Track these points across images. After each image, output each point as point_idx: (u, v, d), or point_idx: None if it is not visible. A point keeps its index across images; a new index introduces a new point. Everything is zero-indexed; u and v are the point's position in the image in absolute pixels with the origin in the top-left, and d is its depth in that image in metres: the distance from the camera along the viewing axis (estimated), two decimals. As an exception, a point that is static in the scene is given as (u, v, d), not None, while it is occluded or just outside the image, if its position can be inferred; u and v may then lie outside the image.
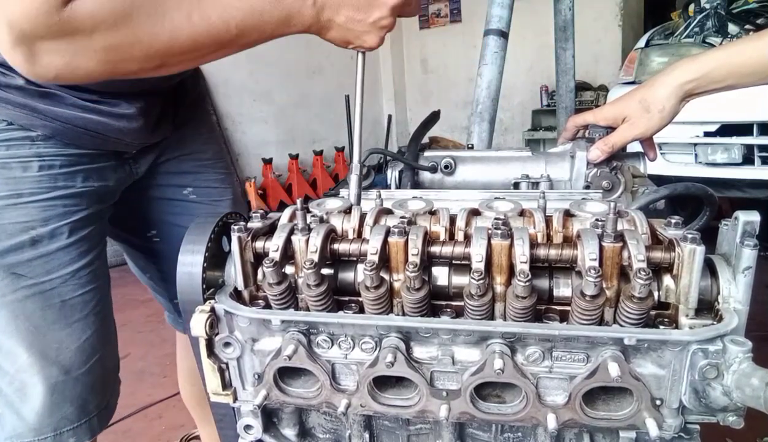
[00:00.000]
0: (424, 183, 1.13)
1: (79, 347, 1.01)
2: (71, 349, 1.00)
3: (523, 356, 0.69)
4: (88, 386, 1.04)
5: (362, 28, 0.88)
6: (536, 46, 6.45)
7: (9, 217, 0.93)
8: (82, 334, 1.02)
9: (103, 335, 1.07)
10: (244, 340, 0.76)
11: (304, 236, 0.72)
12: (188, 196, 1.27)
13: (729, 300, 0.65)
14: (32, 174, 0.94)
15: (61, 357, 0.99)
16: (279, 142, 6.54)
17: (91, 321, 1.03)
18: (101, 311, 1.06)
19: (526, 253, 0.66)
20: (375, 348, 0.72)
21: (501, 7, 2.04)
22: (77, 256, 1.00)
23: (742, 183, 3.19)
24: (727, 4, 3.49)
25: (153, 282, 1.39)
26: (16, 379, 0.97)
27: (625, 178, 1.00)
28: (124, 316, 3.15)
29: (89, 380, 1.04)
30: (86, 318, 1.02)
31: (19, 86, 0.90)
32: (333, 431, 0.87)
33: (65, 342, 1.00)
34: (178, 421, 2.41)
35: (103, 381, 1.08)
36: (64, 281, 0.99)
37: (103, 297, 1.08)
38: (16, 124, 0.92)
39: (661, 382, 0.67)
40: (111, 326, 1.12)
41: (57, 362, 0.99)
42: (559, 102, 2.63)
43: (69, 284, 0.99)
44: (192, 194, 1.28)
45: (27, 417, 0.98)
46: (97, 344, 1.05)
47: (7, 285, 0.94)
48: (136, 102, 1.02)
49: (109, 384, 1.12)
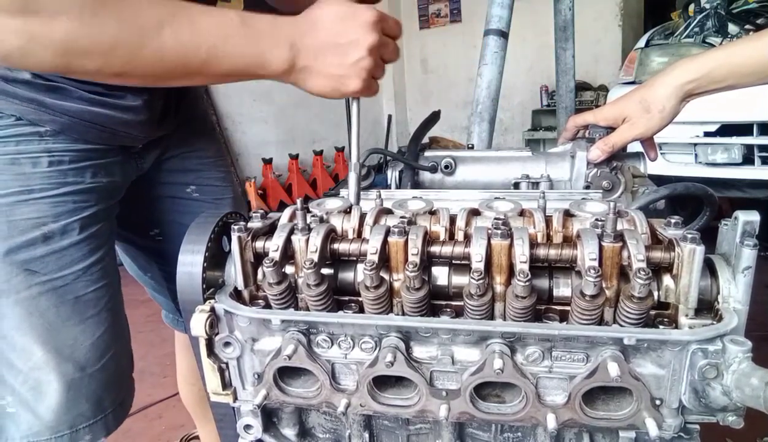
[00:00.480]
0: (424, 183, 1.13)
1: (94, 344, 1.01)
2: (86, 345, 1.00)
3: (522, 355, 0.69)
4: (103, 383, 1.03)
5: (342, 72, 0.86)
6: (536, 46, 6.45)
7: (21, 213, 0.92)
8: (96, 330, 1.01)
9: (116, 331, 1.07)
10: (244, 340, 0.76)
11: (304, 236, 0.72)
12: (191, 195, 1.27)
13: (729, 300, 0.65)
14: (42, 170, 0.94)
15: (76, 354, 0.99)
16: (279, 142, 6.53)
17: (104, 317, 1.03)
18: (113, 307, 1.06)
19: (525, 253, 0.66)
20: (375, 348, 0.72)
21: (501, 7, 2.04)
22: (88, 252, 1.00)
23: (742, 183, 3.19)
24: (727, 4, 3.48)
25: (154, 281, 1.38)
26: (30, 377, 0.96)
27: (625, 178, 1.01)
28: (124, 316, 3.15)
29: (104, 377, 1.03)
30: (99, 314, 1.02)
31: (26, 80, 0.89)
32: (333, 430, 0.87)
33: (80, 339, 0.99)
34: (178, 421, 2.41)
35: (117, 377, 1.08)
36: (77, 277, 0.98)
37: (115, 293, 1.08)
38: (24, 120, 0.92)
39: (660, 382, 0.67)
40: (123, 322, 1.12)
41: (72, 358, 0.98)
42: (559, 102, 2.63)
43: (81, 280, 0.99)
44: (195, 192, 1.27)
45: (43, 415, 0.97)
46: (110, 340, 1.05)
47: (21, 282, 0.93)
48: (141, 94, 1.02)
49: (124, 381, 1.12)
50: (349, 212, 0.80)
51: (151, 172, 1.20)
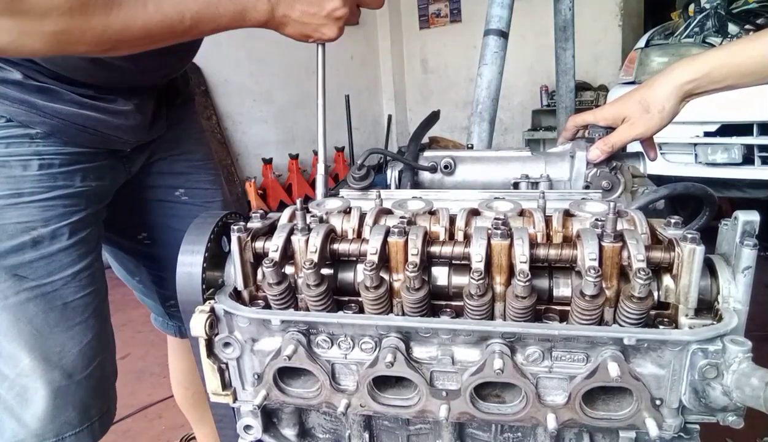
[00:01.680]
0: (423, 183, 1.13)
1: (81, 351, 1.00)
2: (73, 352, 0.99)
3: (522, 356, 0.69)
4: (90, 390, 1.02)
5: (318, 21, 0.90)
6: (536, 46, 6.45)
7: (10, 217, 0.91)
8: (83, 337, 1.00)
9: (103, 338, 1.06)
10: (243, 340, 0.76)
11: (304, 236, 0.72)
12: (180, 198, 1.26)
13: (729, 300, 0.65)
14: (32, 173, 0.93)
15: (64, 361, 0.98)
16: (279, 142, 6.53)
17: (92, 324, 1.02)
18: (101, 314, 1.05)
19: (525, 253, 0.66)
20: (375, 348, 0.72)
21: (501, 7, 2.03)
22: (77, 257, 0.99)
23: (742, 183, 3.19)
24: (727, 4, 3.48)
25: (142, 285, 1.36)
26: (17, 384, 0.95)
27: (624, 178, 1.00)
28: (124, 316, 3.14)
29: (91, 384, 1.02)
30: (87, 321, 1.01)
31: (17, 81, 0.89)
32: (333, 431, 0.87)
33: (67, 345, 0.98)
34: (178, 421, 2.40)
35: (103, 385, 1.07)
36: (66, 282, 0.97)
37: (102, 300, 1.07)
38: (15, 121, 0.91)
39: (660, 382, 0.67)
40: (109, 330, 1.11)
41: (59, 365, 0.97)
42: (559, 102, 2.63)
43: (70, 286, 0.98)
44: (184, 196, 1.26)
45: (29, 423, 0.96)
46: (98, 347, 1.04)
47: (9, 287, 0.92)
48: (133, 98, 1.02)
49: (110, 389, 1.11)
50: (348, 212, 0.80)
51: (140, 175, 1.19)
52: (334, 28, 0.91)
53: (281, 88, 6.54)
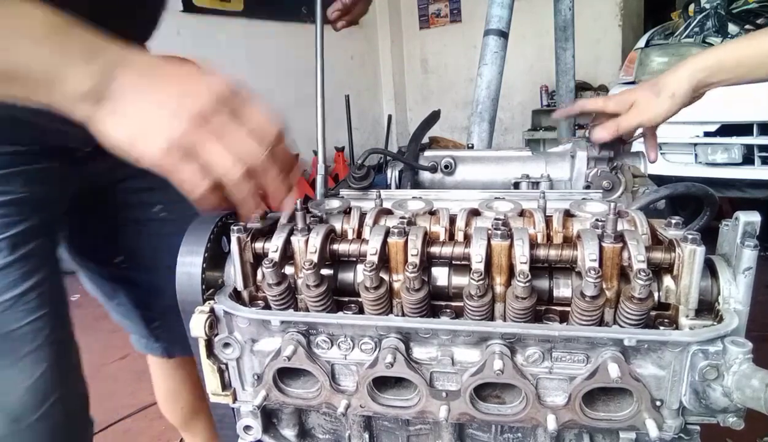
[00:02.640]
0: (424, 183, 1.13)
1: (31, 387, 0.85)
2: (20, 390, 0.84)
3: (522, 356, 0.69)
4: (46, 435, 0.87)
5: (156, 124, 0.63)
6: (536, 46, 6.44)
7: None
8: (34, 370, 0.85)
9: (60, 370, 0.89)
10: (243, 340, 0.76)
11: (304, 237, 0.72)
12: (158, 215, 1.13)
13: (729, 301, 0.65)
14: None
15: (10, 402, 0.83)
16: (279, 143, 6.52)
17: (45, 354, 0.86)
18: (56, 340, 0.89)
19: (525, 253, 0.65)
20: (374, 349, 0.72)
21: (501, 7, 2.04)
22: (21, 276, 0.84)
23: (742, 183, 3.19)
24: (727, 4, 3.48)
25: (122, 307, 1.22)
26: None
27: (625, 178, 1.00)
28: (123, 316, 3.14)
29: (47, 426, 0.87)
30: (37, 351, 0.85)
31: None
32: (333, 431, 0.87)
33: (14, 382, 0.83)
34: (177, 421, 2.41)
35: (66, 424, 0.91)
36: (7, 307, 0.83)
37: (59, 324, 0.91)
38: None
39: (661, 383, 0.66)
40: (72, 358, 0.95)
41: (3, 409, 0.83)
42: (559, 102, 2.63)
43: (14, 310, 0.83)
44: (163, 211, 1.13)
45: None
46: (54, 380, 0.87)
47: None
48: None
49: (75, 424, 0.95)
50: (348, 213, 0.79)
51: (110, 194, 1.07)
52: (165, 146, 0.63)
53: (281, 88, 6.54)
